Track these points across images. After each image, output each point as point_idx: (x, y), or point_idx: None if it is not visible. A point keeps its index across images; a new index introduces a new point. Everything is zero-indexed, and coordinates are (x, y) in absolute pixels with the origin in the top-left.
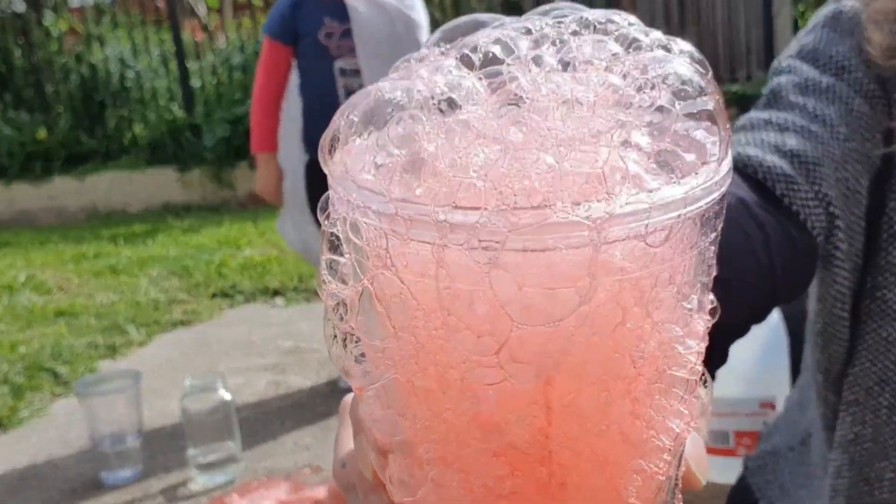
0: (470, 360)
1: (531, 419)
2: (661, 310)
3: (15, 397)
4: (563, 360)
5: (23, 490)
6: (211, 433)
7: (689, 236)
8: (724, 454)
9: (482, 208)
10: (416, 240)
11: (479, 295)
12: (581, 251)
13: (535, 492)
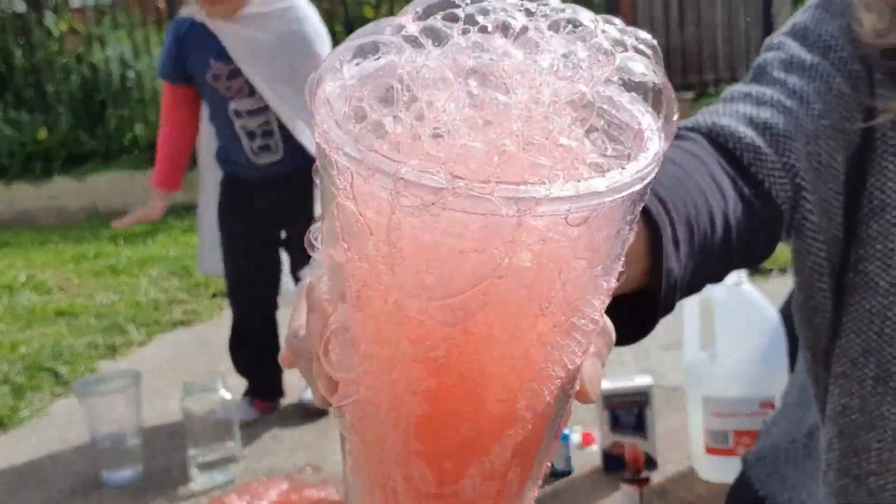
0: (406, 289)
1: (450, 340)
2: (573, 274)
3: (15, 397)
4: (483, 306)
5: (23, 490)
6: (211, 433)
7: (608, 218)
8: (724, 454)
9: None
10: (376, 186)
11: (423, 241)
12: (509, 220)
13: (444, 393)
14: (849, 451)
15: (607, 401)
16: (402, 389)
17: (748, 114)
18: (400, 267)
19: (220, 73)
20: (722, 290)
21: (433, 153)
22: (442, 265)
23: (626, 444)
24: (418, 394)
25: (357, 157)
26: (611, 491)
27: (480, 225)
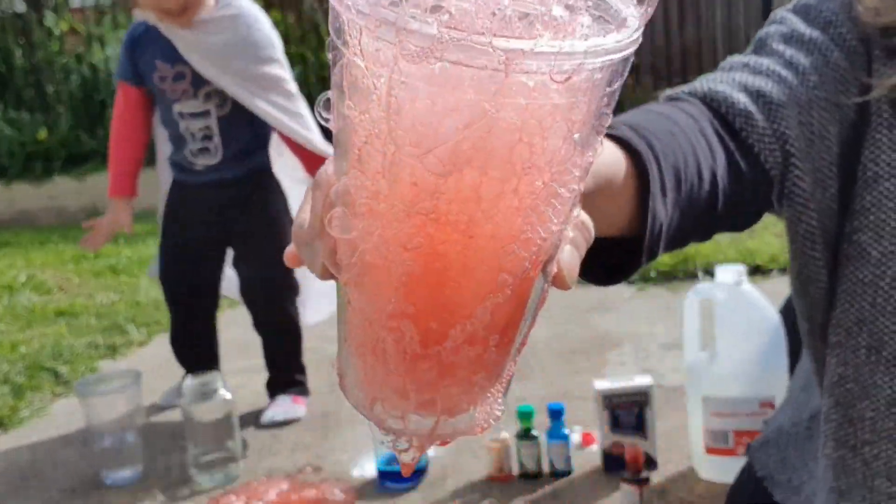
0: (402, 140)
1: (440, 195)
2: (553, 137)
3: (15, 397)
4: (471, 160)
5: (23, 489)
6: (211, 433)
7: (589, 85)
8: (724, 454)
9: (435, 23)
10: (381, 38)
11: (420, 93)
12: (498, 73)
13: (433, 251)
14: (844, 421)
15: (607, 401)
16: (396, 246)
17: (744, 82)
18: (397, 117)
19: (165, 75)
20: (722, 290)
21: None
22: (436, 117)
23: (626, 443)
24: (410, 250)
25: (366, 11)
26: (611, 491)
27: (472, 77)
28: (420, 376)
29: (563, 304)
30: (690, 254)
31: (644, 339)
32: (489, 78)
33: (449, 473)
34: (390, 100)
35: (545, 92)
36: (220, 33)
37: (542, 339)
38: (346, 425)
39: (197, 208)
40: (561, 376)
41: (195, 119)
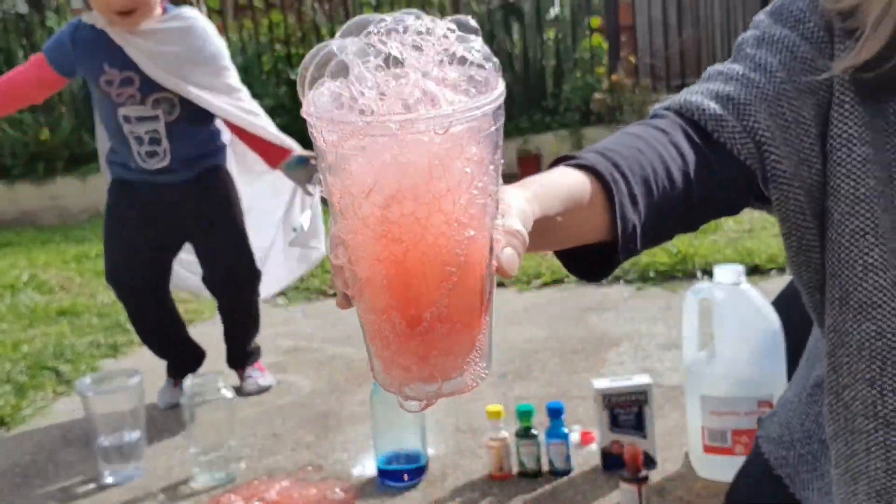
0: (357, 192)
1: (390, 222)
2: (453, 168)
3: (17, 396)
4: (402, 194)
5: (25, 487)
6: (212, 432)
7: (467, 131)
8: (722, 453)
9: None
10: (331, 130)
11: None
12: (398, 137)
13: (397, 259)
14: (831, 369)
15: (606, 400)
16: (373, 261)
17: (715, 90)
18: (349, 177)
19: (112, 79)
20: (720, 290)
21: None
22: (371, 172)
23: (626, 442)
24: (382, 262)
25: (319, 115)
26: (610, 489)
27: (385, 143)
28: (413, 352)
29: (562, 305)
30: (689, 254)
31: (643, 338)
32: (395, 141)
33: (449, 472)
34: (343, 166)
35: (435, 142)
36: (173, 44)
37: (541, 338)
38: (346, 425)
39: (147, 208)
40: (560, 376)
41: (141, 123)
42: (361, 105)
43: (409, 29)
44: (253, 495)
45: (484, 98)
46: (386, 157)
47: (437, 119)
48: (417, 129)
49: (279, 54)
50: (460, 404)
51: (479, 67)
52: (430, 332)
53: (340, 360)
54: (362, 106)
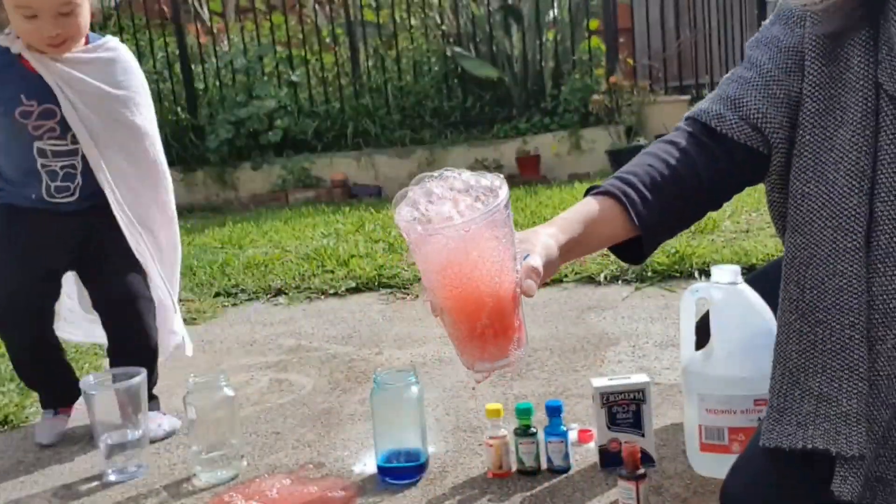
0: (426, 269)
1: (446, 280)
2: (482, 245)
3: (21, 394)
4: (451, 264)
5: (29, 485)
6: (214, 430)
7: (487, 223)
8: (719, 451)
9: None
10: (409, 233)
11: (425, 249)
12: (446, 235)
13: (455, 297)
14: (783, 280)
15: (605, 398)
16: (444, 300)
17: (719, 94)
18: (422, 261)
19: (30, 111)
20: (717, 290)
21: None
22: (432, 256)
23: (623, 440)
24: (448, 300)
25: (402, 226)
26: (608, 487)
27: (439, 240)
28: (473, 347)
29: (561, 304)
30: (687, 254)
31: (641, 337)
32: (444, 237)
33: (449, 470)
34: (417, 254)
35: (467, 235)
36: (96, 74)
37: (540, 338)
38: (347, 423)
39: (39, 231)
40: (559, 374)
41: (58, 158)
42: (423, 216)
43: (447, 178)
44: (254, 493)
45: (491, 204)
46: (439, 244)
47: (466, 224)
48: (454, 230)
49: (280, 56)
50: (460, 403)
51: (491, 188)
52: (481, 336)
53: (341, 359)
54: (423, 217)
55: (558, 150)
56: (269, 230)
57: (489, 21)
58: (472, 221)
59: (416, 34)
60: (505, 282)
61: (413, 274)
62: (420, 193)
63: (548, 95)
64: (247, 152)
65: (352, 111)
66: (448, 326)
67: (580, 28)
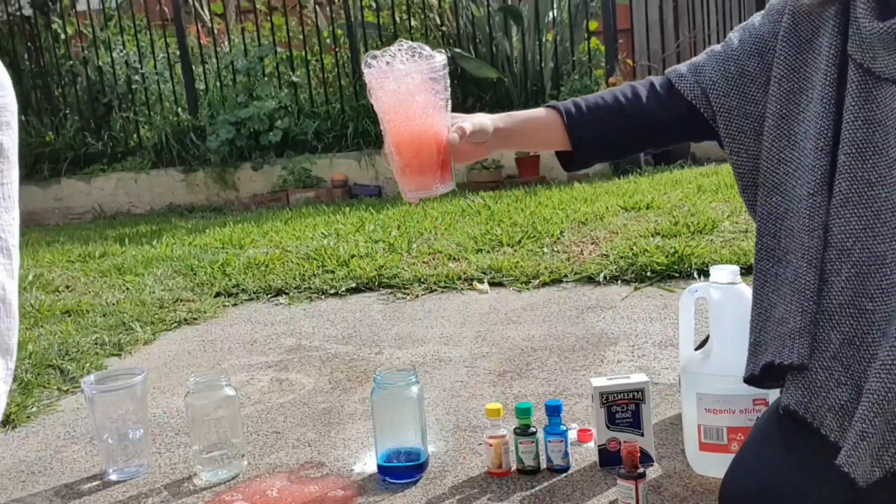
0: (379, 109)
1: (395, 120)
2: (418, 96)
3: (23, 394)
4: (400, 105)
5: (31, 484)
6: (215, 429)
7: (432, 79)
8: (718, 450)
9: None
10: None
11: (385, 96)
12: (402, 81)
13: (398, 137)
14: (757, 235)
15: (604, 398)
16: (389, 135)
17: (693, 59)
18: (377, 101)
19: None
20: (717, 290)
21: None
22: (385, 99)
23: (623, 440)
24: (392, 135)
25: (366, 72)
26: (607, 486)
27: (388, 84)
28: (407, 178)
29: (560, 304)
30: (686, 254)
31: (640, 337)
32: (394, 82)
33: (448, 469)
34: (373, 98)
35: (411, 82)
36: None
37: (540, 337)
38: (347, 422)
39: None
40: (558, 374)
41: None
42: (383, 70)
43: (402, 48)
44: (255, 492)
45: (429, 63)
46: (389, 87)
47: (404, 69)
48: (401, 76)
49: (281, 57)
50: (460, 403)
51: (430, 56)
52: (412, 168)
53: (341, 359)
54: (382, 68)
55: None
56: (270, 230)
57: (489, 22)
58: (416, 72)
59: (416, 35)
60: (434, 126)
61: (413, 274)
62: (382, 55)
63: (547, 96)
64: (247, 153)
65: (352, 112)
66: (393, 163)
67: (580, 29)
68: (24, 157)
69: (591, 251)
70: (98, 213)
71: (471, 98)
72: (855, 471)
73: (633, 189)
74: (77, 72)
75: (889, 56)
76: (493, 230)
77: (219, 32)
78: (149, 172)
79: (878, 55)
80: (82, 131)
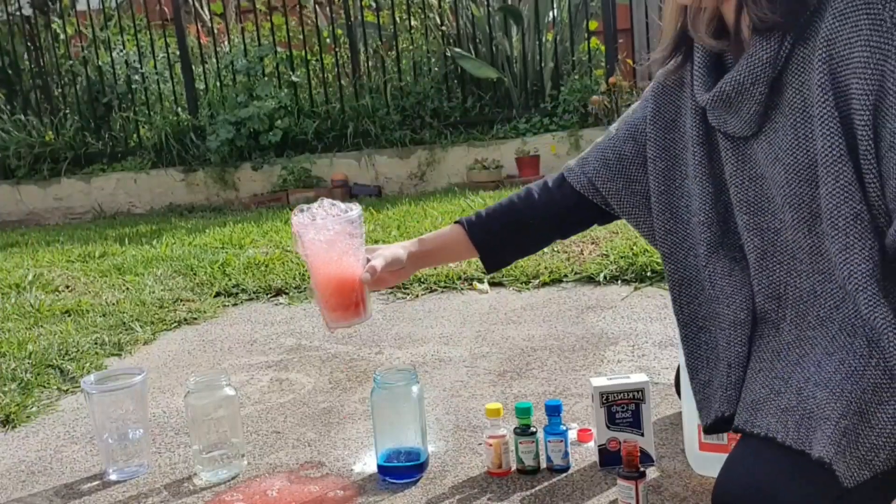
0: (309, 262)
1: (315, 267)
2: (338, 247)
3: (23, 394)
4: (317, 255)
5: (31, 484)
6: (215, 429)
7: (347, 231)
8: (717, 450)
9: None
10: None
11: (309, 244)
12: (320, 234)
13: (316, 282)
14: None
15: (604, 397)
16: (312, 276)
17: (583, 153)
18: (302, 247)
19: None
20: None
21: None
22: (309, 246)
23: (623, 439)
24: (314, 277)
25: (294, 222)
26: (607, 486)
27: (308, 242)
28: (329, 312)
29: (560, 304)
30: None
31: (640, 337)
32: (315, 234)
33: (448, 469)
34: (299, 245)
35: (329, 235)
36: None
37: (540, 337)
38: (347, 422)
39: None
40: (558, 374)
41: None
42: (304, 224)
43: (322, 205)
44: (255, 492)
45: (346, 216)
46: (309, 238)
47: (324, 225)
48: (319, 227)
49: (281, 56)
50: (460, 403)
51: (348, 209)
52: (331, 306)
53: (341, 359)
54: (306, 221)
55: (558, 150)
56: (270, 230)
57: (489, 22)
58: (332, 224)
59: (416, 35)
60: (349, 269)
61: (412, 274)
62: (307, 209)
63: (547, 96)
64: (247, 152)
65: (352, 112)
66: (316, 298)
67: (580, 29)
68: (24, 157)
69: (591, 251)
70: (98, 213)
71: (471, 98)
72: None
73: None
74: (77, 72)
75: (733, 117)
76: None
77: (219, 32)
78: (149, 172)
79: (727, 119)
80: (82, 131)
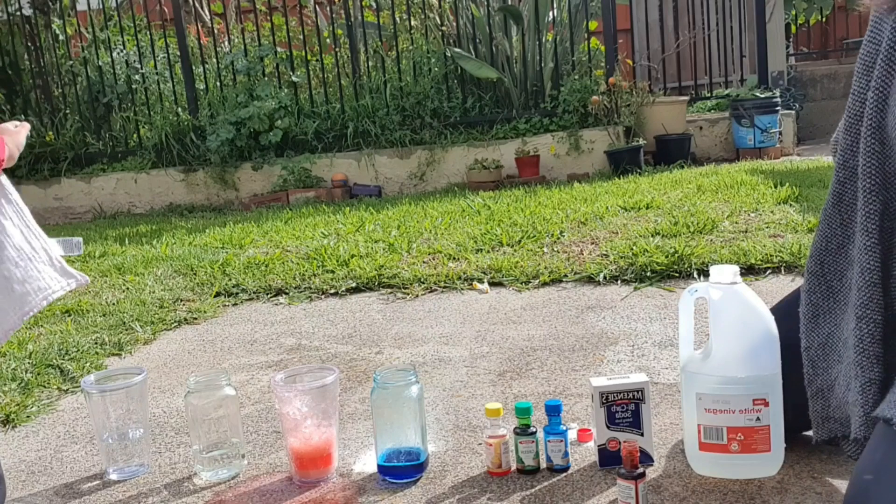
0: (283, 428)
1: (289, 435)
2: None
3: (23, 393)
4: (288, 423)
5: (31, 484)
6: (215, 429)
7: (316, 397)
8: (717, 450)
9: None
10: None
11: (283, 416)
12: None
13: (291, 449)
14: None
15: (604, 397)
16: (286, 443)
17: None
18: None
19: None
20: (716, 289)
21: None
22: (283, 419)
23: (622, 439)
24: (287, 441)
25: (273, 383)
26: (607, 486)
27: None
28: (300, 470)
29: (560, 304)
30: (686, 254)
31: (640, 337)
32: (291, 408)
33: (448, 469)
34: (279, 411)
35: (301, 404)
36: None
37: (540, 337)
38: (347, 422)
39: None
40: (558, 374)
41: None
42: (282, 397)
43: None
44: (255, 492)
45: (319, 389)
46: (284, 411)
47: (296, 396)
48: (290, 402)
49: (281, 56)
50: (460, 402)
51: (321, 377)
52: (301, 465)
53: (341, 359)
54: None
55: (557, 150)
56: (270, 230)
57: (489, 22)
58: (300, 395)
59: (416, 35)
60: (324, 437)
61: (413, 274)
62: (287, 376)
63: (547, 96)
64: (247, 152)
65: (352, 112)
66: (289, 457)
67: (579, 29)
68: (24, 156)
69: (590, 251)
70: (98, 213)
71: (471, 98)
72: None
73: (633, 189)
74: (77, 72)
75: None
76: (493, 230)
77: (219, 32)
78: (149, 172)
79: None
80: (82, 131)
